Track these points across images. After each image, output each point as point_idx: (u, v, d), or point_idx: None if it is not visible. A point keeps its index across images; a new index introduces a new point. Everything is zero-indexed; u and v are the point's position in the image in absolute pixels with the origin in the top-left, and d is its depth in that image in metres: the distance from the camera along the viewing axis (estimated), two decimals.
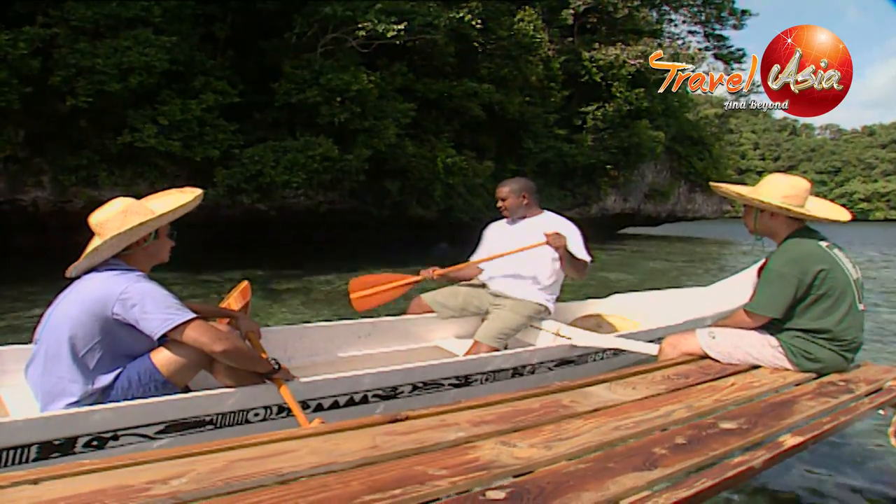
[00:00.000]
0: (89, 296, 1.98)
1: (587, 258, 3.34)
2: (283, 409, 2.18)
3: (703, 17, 24.86)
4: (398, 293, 3.50)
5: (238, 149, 9.72)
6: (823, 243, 2.43)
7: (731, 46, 25.27)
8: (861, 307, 2.41)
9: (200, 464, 1.38)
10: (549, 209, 3.59)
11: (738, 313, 2.50)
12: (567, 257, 3.20)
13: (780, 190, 2.43)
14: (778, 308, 2.36)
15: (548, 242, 3.14)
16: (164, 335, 1.99)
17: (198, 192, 2.21)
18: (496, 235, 3.60)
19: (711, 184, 2.94)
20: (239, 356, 2.07)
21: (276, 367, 2.17)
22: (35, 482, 1.26)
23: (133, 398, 2.00)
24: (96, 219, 2.09)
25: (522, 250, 3.27)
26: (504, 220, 3.61)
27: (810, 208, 2.46)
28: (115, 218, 2.06)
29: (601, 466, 1.42)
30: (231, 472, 1.34)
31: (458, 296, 3.55)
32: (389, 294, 3.47)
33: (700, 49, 24.16)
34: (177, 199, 2.18)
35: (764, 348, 2.43)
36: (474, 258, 3.63)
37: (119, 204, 2.12)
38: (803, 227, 2.48)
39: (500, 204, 3.51)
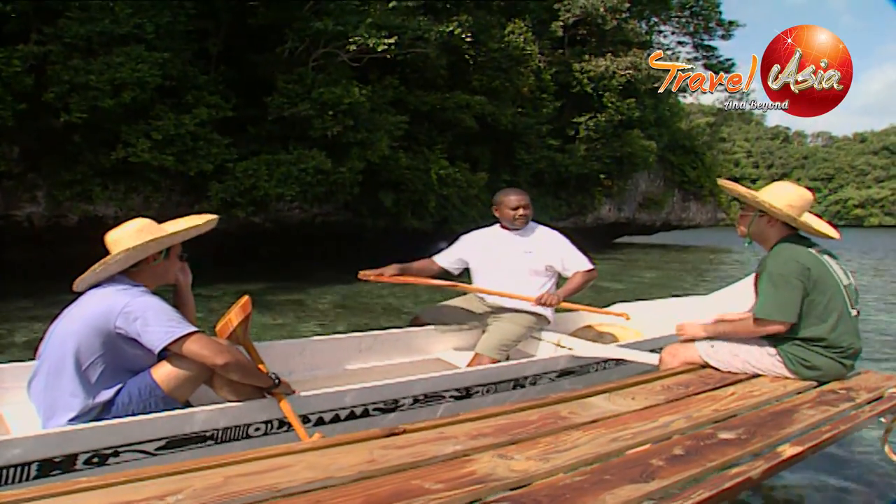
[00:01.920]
0: (92, 310, 1.98)
1: (588, 266, 3.35)
2: (285, 424, 2.17)
3: (691, 28, 25.15)
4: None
5: (231, 162, 9.72)
6: (813, 249, 2.45)
7: (719, 56, 25.58)
8: (854, 312, 2.41)
9: (197, 480, 1.37)
10: (538, 221, 3.54)
11: (745, 322, 2.45)
12: (569, 295, 3.29)
13: (787, 198, 2.45)
14: (788, 312, 2.31)
15: (540, 303, 3.24)
16: (165, 349, 1.99)
17: (212, 216, 2.26)
18: (488, 246, 3.47)
19: (719, 180, 2.93)
20: (239, 370, 2.07)
21: (276, 381, 2.16)
22: (32, 500, 1.26)
23: (134, 414, 1.99)
24: (112, 236, 2.12)
25: (512, 297, 3.32)
26: (495, 230, 3.51)
27: (807, 220, 2.48)
28: (129, 235, 2.09)
29: (598, 478, 1.42)
30: (227, 487, 1.33)
31: (455, 311, 3.52)
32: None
33: (689, 59, 24.43)
34: (189, 220, 2.21)
35: (763, 357, 2.42)
36: (439, 258, 3.55)
37: (136, 223, 2.15)
38: (794, 234, 2.50)
39: (521, 213, 3.37)
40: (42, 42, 8.06)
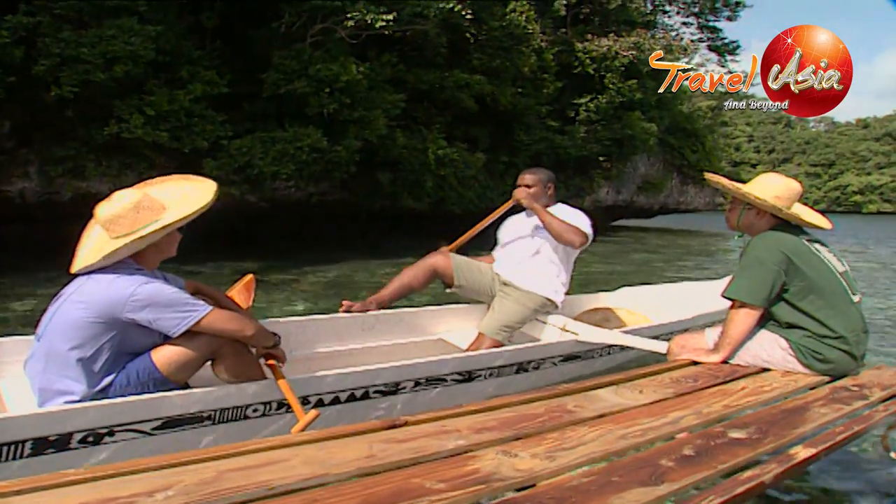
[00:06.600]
0: (98, 298, 1.92)
1: (583, 229, 3.27)
2: (283, 405, 2.15)
3: (696, 9, 24.84)
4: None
5: (226, 140, 9.58)
6: (804, 238, 2.43)
7: (724, 38, 25.31)
8: (856, 298, 2.39)
9: (188, 474, 1.33)
10: (560, 201, 3.55)
11: (728, 314, 2.42)
12: (545, 216, 3.26)
13: (773, 190, 2.44)
14: (757, 294, 2.30)
15: (516, 199, 3.35)
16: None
17: (209, 184, 2.12)
18: (513, 227, 3.57)
19: (705, 174, 2.95)
20: (262, 333, 2.11)
21: (278, 339, 2.21)
22: (19, 493, 1.21)
23: (130, 395, 1.96)
24: (105, 214, 1.98)
25: (494, 216, 3.52)
26: (522, 214, 3.57)
27: (797, 211, 2.46)
28: (126, 215, 1.97)
29: (605, 480, 1.36)
30: (220, 484, 1.29)
31: (476, 271, 3.51)
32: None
33: (693, 41, 24.17)
34: (191, 198, 2.07)
35: (774, 349, 2.37)
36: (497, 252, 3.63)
37: (130, 198, 2.00)
38: (783, 224, 2.48)
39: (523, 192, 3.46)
40: (31, 13, 7.84)
